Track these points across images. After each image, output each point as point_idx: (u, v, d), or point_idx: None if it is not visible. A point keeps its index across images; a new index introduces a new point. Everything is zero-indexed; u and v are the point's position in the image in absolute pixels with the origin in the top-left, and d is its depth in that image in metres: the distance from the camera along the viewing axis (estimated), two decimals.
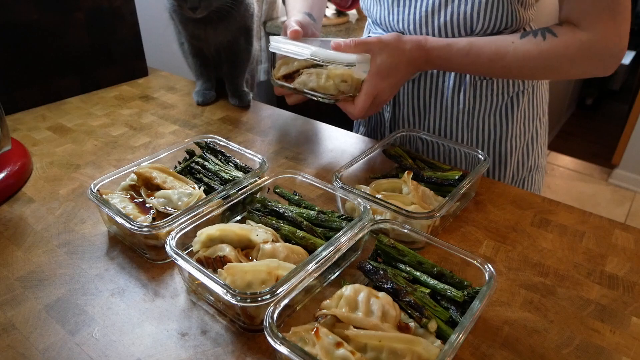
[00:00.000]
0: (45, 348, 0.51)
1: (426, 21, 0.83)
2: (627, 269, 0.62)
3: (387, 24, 0.89)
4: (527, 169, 0.98)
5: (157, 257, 0.63)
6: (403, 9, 0.85)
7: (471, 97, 0.88)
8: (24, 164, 0.80)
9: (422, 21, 0.83)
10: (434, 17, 0.82)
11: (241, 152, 0.76)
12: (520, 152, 0.95)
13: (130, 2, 1.16)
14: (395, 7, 0.86)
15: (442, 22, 0.82)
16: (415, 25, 0.84)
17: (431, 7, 0.81)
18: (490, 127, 0.91)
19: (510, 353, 0.51)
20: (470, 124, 0.91)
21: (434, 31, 0.83)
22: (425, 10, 0.82)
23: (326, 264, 0.53)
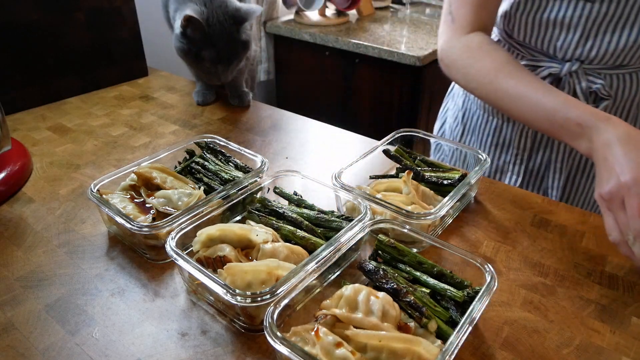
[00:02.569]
0: (45, 348, 0.51)
1: (629, 50, 0.73)
2: (627, 269, 0.62)
3: (568, 52, 0.76)
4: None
5: (157, 257, 0.63)
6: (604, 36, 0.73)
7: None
8: (24, 164, 0.80)
9: (625, 51, 0.73)
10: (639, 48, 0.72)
11: (241, 152, 0.76)
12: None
13: (130, 2, 1.16)
14: (593, 35, 0.73)
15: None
16: (612, 55, 0.74)
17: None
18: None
19: (510, 353, 0.51)
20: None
21: (629, 61, 0.75)
22: (633, 40, 0.72)
23: (326, 264, 0.53)
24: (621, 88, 0.79)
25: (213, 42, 0.88)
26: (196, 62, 0.92)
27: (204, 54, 0.89)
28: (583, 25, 0.73)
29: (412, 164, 0.76)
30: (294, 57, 2.18)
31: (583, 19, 0.73)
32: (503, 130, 0.90)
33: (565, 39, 0.76)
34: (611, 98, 0.78)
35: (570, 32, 0.75)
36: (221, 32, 0.87)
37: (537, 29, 0.78)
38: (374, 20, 2.15)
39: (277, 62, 2.25)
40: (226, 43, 0.89)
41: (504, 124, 0.90)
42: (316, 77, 2.13)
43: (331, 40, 1.92)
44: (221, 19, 0.87)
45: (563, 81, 0.80)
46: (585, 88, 0.78)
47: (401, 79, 1.84)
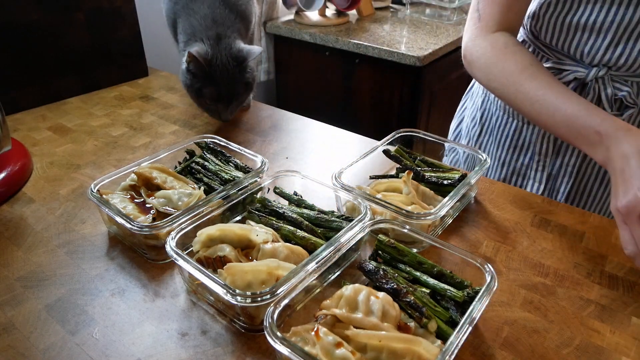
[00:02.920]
0: (45, 348, 0.51)
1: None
2: (627, 269, 0.62)
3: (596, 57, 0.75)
4: None
5: (157, 257, 0.63)
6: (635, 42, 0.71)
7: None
8: (24, 164, 0.80)
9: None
10: None
11: (241, 152, 0.76)
12: None
13: (130, 2, 1.16)
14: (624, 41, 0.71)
15: None
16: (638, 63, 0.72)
17: None
18: None
19: (510, 353, 0.51)
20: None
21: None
22: None
23: (326, 264, 0.53)
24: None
25: (214, 81, 0.89)
26: (197, 99, 0.93)
27: (205, 91, 0.90)
28: (614, 30, 0.71)
29: (412, 164, 0.76)
30: (294, 57, 2.18)
31: (615, 24, 0.71)
32: (523, 133, 0.89)
33: (594, 43, 0.74)
34: (637, 107, 0.77)
35: (599, 36, 0.73)
36: (223, 72, 0.89)
37: (565, 32, 0.76)
38: (374, 21, 2.15)
39: (277, 62, 2.25)
40: (227, 83, 0.90)
41: (524, 127, 0.88)
42: (316, 77, 2.13)
43: (331, 40, 1.92)
44: (224, 60, 0.89)
45: (588, 86, 0.78)
46: (611, 95, 0.77)
47: (401, 79, 1.84)
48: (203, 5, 0.94)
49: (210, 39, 0.91)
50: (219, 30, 0.92)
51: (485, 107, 0.96)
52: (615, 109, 0.78)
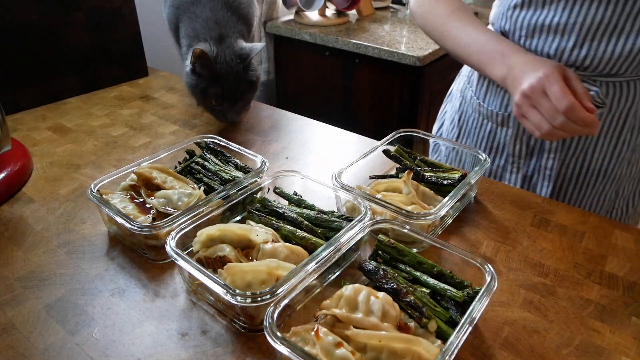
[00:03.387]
0: (45, 348, 0.51)
1: (625, 59, 0.73)
2: (627, 269, 0.62)
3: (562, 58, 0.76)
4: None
5: (157, 257, 0.63)
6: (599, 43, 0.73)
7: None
8: (24, 164, 0.80)
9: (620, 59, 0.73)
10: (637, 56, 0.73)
11: (241, 152, 0.76)
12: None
13: (130, 2, 1.16)
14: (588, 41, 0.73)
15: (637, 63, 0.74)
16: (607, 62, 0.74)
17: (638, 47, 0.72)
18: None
19: (510, 353, 0.51)
20: (631, 159, 0.86)
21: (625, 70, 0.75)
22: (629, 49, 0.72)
23: (326, 264, 0.53)
24: (617, 96, 0.78)
25: (220, 80, 0.90)
26: (203, 99, 0.93)
27: (210, 91, 0.90)
28: (577, 31, 0.73)
29: (412, 164, 0.76)
30: (294, 57, 2.18)
31: (577, 25, 0.73)
32: (497, 134, 0.90)
33: (559, 44, 0.76)
34: (605, 106, 0.78)
35: (564, 37, 0.75)
36: (228, 70, 0.89)
37: (532, 33, 0.78)
38: (374, 21, 2.15)
39: (277, 62, 2.25)
40: (232, 81, 0.90)
41: (498, 128, 0.90)
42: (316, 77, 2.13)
43: (331, 40, 1.92)
44: (228, 58, 0.90)
45: None
46: None
47: (401, 79, 1.84)
48: (205, 9, 0.95)
49: (213, 39, 0.91)
50: (221, 31, 0.93)
51: (462, 110, 0.97)
52: None
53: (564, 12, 0.73)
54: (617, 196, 0.89)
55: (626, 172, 0.86)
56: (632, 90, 0.78)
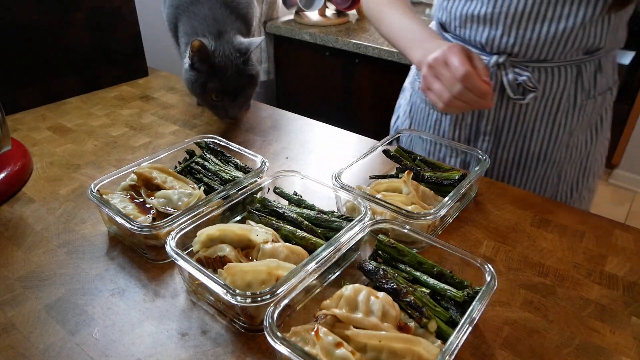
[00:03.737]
0: (45, 348, 0.51)
1: (550, 44, 0.77)
2: (627, 269, 0.62)
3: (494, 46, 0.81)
4: (598, 176, 0.97)
5: (157, 257, 0.63)
6: (525, 30, 0.77)
7: (576, 116, 0.86)
8: (24, 164, 0.80)
9: (545, 45, 0.77)
10: (560, 41, 0.77)
11: (241, 152, 0.76)
12: (597, 163, 0.94)
13: (130, 2, 1.16)
14: (515, 29, 0.78)
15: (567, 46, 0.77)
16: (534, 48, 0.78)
17: (560, 32, 0.76)
18: (582, 144, 0.90)
19: (510, 353, 0.51)
20: (568, 143, 0.88)
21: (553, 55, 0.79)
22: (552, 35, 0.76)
23: (326, 264, 0.53)
24: (549, 81, 0.82)
25: (219, 74, 0.89)
26: (203, 96, 0.93)
27: (209, 85, 0.90)
28: (504, 20, 0.78)
29: (412, 164, 0.76)
30: (294, 57, 2.18)
31: (503, 15, 0.77)
32: (442, 123, 0.94)
33: (489, 33, 0.80)
34: (538, 90, 0.82)
35: (493, 26, 0.80)
36: (227, 64, 0.89)
37: (464, 23, 0.83)
38: None
39: (277, 62, 2.25)
40: (232, 75, 0.90)
41: (442, 116, 0.94)
42: (316, 77, 2.13)
43: (331, 40, 1.92)
44: (227, 52, 0.89)
45: (491, 73, 0.83)
46: (512, 80, 0.82)
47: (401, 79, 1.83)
48: (204, 7, 0.94)
49: (211, 34, 0.91)
50: (220, 27, 0.93)
51: (412, 101, 1.01)
52: (519, 93, 0.83)
53: (490, 3, 0.78)
54: (560, 180, 0.92)
55: (566, 155, 0.89)
56: (563, 75, 0.81)
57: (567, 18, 0.75)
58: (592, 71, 0.83)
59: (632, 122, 2.62)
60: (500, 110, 0.86)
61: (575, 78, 0.82)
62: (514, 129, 0.87)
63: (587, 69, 0.82)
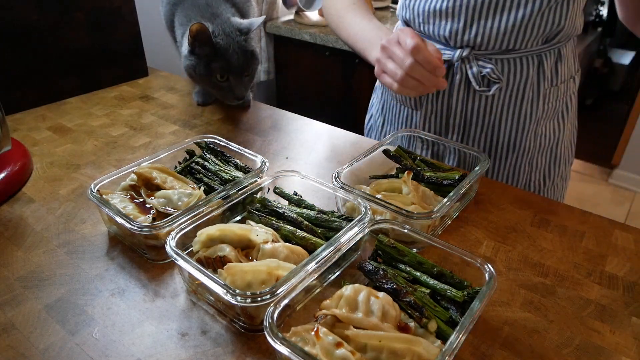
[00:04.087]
0: (45, 348, 0.51)
1: (510, 34, 0.79)
2: (627, 269, 0.62)
3: (457, 39, 0.83)
4: (569, 164, 1.00)
5: (157, 257, 0.63)
6: (485, 21, 0.80)
7: (541, 105, 0.88)
8: (24, 164, 0.80)
9: (506, 35, 0.80)
10: (519, 30, 0.79)
11: (241, 152, 0.76)
12: (567, 150, 0.96)
13: (130, 2, 1.16)
14: (476, 21, 0.80)
15: (526, 35, 0.80)
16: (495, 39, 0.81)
17: (519, 21, 0.78)
18: (550, 132, 0.92)
19: (510, 353, 0.51)
20: (535, 132, 0.90)
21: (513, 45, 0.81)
22: (511, 24, 0.78)
23: (326, 264, 0.53)
24: (512, 72, 0.84)
25: (222, 53, 0.89)
26: (207, 78, 0.92)
27: (213, 66, 0.89)
28: (465, 13, 0.80)
29: (412, 164, 0.76)
30: (294, 57, 2.18)
31: (464, 7, 0.80)
32: (413, 118, 0.96)
33: (451, 27, 0.83)
34: (502, 81, 0.84)
35: (454, 20, 0.82)
36: (228, 43, 0.89)
37: (427, 18, 0.85)
38: None
39: (277, 62, 2.25)
40: (235, 53, 0.89)
41: (413, 112, 0.96)
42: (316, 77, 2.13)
43: (331, 40, 1.92)
44: (227, 31, 0.89)
45: (455, 66, 0.86)
46: (477, 72, 0.84)
47: None
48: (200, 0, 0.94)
49: (205, 18, 0.91)
50: (213, 10, 0.93)
51: (384, 99, 1.03)
52: (484, 85, 0.86)
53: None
54: (532, 169, 0.94)
55: (535, 145, 0.91)
56: (525, 65, 0.84)
57: (525, 6, 0.77)
58: (553, 60, 0.85)
59: (632, 122, 2.62)
60: (468, 103, 0.88)
61: (537, 68, 0.84)
62: (482, 120, 0.89)
63: (548, 58, 0.84)
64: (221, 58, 0.89)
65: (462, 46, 0.84)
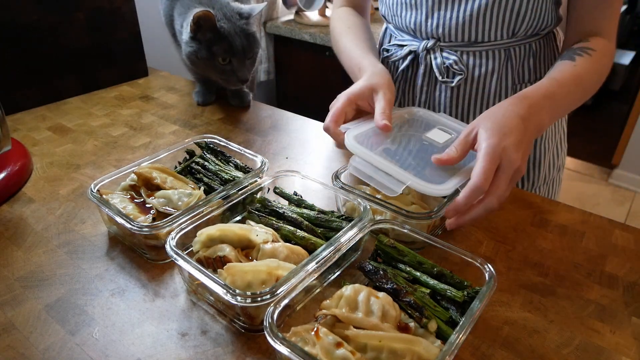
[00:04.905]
0: (45, 348, 0.51)
1: (469, 24, 0.81)
2: (627, 269, 0.62)
3: (422, 31, 0.85)
4: (556, 169, 0.98)
5: (157, 257, 0.63)
6: (445, 12, 0.81)
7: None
8: (24, 164, 0.80)
9: (465, 25, 0.81)
10: (478, 20, 0.80)
11: (241, 152, 0.76)
12: (551, 153, 0.95)
13: (130, 2, 1.16)
14: (436, 11, 0.82)
15: (485, 26, 0.80)
16: (456, 29, 0.82)
17: (476, 10, 0.79)
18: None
19: (510, 353, 0.51)
20: None
21: (475, 36, 0.82)
22: (469, 14, 0.79)
23: (326, 264, 0.53)
24: (477, 64, 0.85)
25: (224, 37, 0.89)
26: (210, 62, 0.92)
27: (215, 49, 0.89)
28: (425, 4, 0.83)
29: None
30: (294, 57, 2.18)
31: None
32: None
33: (415, 18, 0.85)
34: (464, 73, 0.85)
35: (417, 11, 0.85)
36: (230, 26, 0.89)
37: (396, 10, 0.89)
38: (374, 21, 2.15)
39: (277, 62, 2.25)
40: (237, 35, 0.90)
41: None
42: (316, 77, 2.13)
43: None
44: (228, 15, 0.90)
45: (420, 57, 0.88)
46: (440, 63, 0.86)
47: None
48: None
49: (203, 5, 0.91)
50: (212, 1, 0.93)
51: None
52: (446, 76, 0.87)
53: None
54: None
55: None
56: (491, 59, 0.84)
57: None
58: (522, 56, 0.85)
59: (632, 122, 2.62)
60: (434, 93, 0.90)
61: (505, 62, 0.84)
62: (449, 112, 0.90)
63: (517, 53, 0.84)
64: (224, 41, 0.89)
65: (428, 37, 0.86)
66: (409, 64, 0.91)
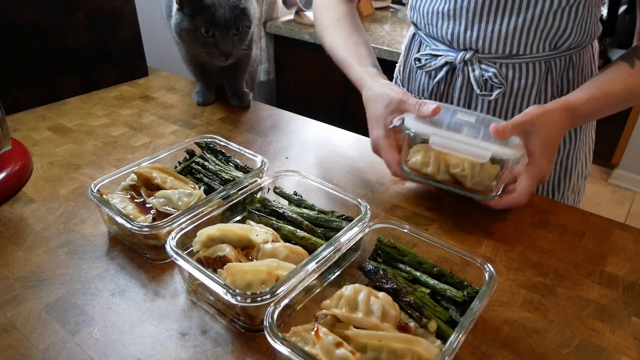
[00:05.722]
0: (45, 348, 0.51)
1: (512, 38, 0.78)
2: (627, 269, 0.62)
3: (460, 42, 0.82)
4: (583, 177, 0.96)
5: (157, 257, 0.63)
6: (486, 24, 0.78)
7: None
8: (24, 164, 0.80)
9: (508, 38, 0.78)
10: (522, 34, 0.77)
11: (241, 152, 0.76)
12: (581, 163, 0.93)
13: (130, 2, 1.16)
14: (477, 23, 0.79)
15: (529, 40, 0.78)
16: (497, 42, 0.79)
17: (520, 25, 0.76)
18: (560, 144, 0.88)
19: (510, 353, 0.51)
20: None
21: (517, 49, 0.79)
22: (512, 28, 0.77)
23: (326, 264, 0.54)
24: (516, 77, 0.82)
25: (206, 7, 0.87)
26: (193, 34, 0.90)
27: (197, 19, 0.87)
28: (465, 15, 0.80)
29: None
30: (294, 57, 2.18)
31: (464, 9, 0.79)
32: None
33: (453, 29, 0.82)
34: (504, 86, 0.83)
35: (456, 22, 0.81)
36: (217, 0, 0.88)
37: (431, 20, 0.85)
38: (374, 20, 2.15)
39: (277, 62, 2.25)
40: (221, 7, 0.87)
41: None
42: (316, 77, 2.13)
43: None
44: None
45: (457, 69, 0.85)
46: (479, 76, 0.83)
47: None
48: None
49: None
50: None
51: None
52: (485, 90, 0.84)
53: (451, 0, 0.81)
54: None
55: None
56: (531, 71, 0.82)
57: (527, 10, 0.75)
58: (562, 68, 0.82)
59: (632, 122, 2.62)
60: (471, 107, 0.88)
61: (545, 75, 0.82)
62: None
63: (557, 65, 0.82)
64: (206, 11, 0.87)
65: (466, 48, 0.83)
66: (444, 75, 0.87)
